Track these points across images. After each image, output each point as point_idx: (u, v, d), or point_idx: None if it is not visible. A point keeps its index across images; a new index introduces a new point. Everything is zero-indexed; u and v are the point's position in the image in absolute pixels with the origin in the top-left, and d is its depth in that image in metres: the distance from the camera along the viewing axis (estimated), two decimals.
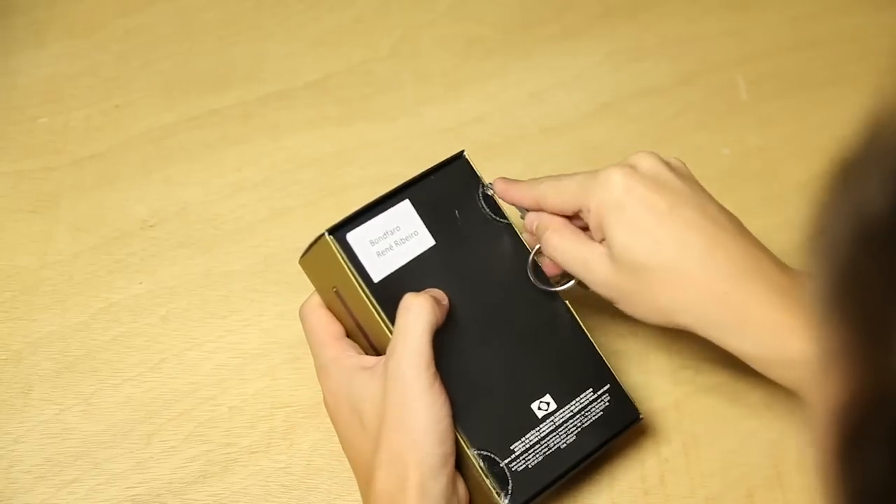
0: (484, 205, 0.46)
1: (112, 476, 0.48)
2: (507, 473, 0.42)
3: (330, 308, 0.45)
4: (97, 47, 0.64)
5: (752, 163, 0.61)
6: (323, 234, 0.42)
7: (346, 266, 0.42)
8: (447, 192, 0.45)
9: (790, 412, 0.51)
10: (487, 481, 0.42)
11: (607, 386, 0.45)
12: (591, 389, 0.44)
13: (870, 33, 0.66)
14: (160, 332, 0.53)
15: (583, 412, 0.44)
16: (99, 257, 0.55)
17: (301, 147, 0.60)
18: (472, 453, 0.42)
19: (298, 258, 0.45)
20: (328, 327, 0.45)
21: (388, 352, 0.41)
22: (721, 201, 0.59)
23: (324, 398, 0.45)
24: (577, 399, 0.44)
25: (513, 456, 0.42)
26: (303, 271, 0.46)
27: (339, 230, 0.42)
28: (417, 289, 0.42)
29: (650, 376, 0.52)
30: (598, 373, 0.45)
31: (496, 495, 0.42)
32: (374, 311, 0.42)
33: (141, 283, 0.55)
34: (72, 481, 0.48)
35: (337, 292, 0.44)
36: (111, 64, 0.64)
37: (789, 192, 0.59)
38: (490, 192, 0.46)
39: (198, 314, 0.54)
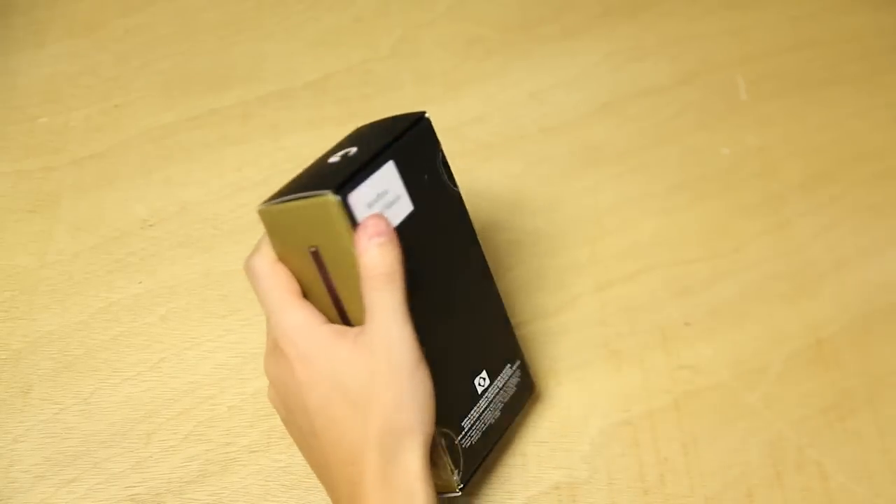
0: (443, 170, 0.42)
1: (111, 475, 0.48)
2: (460, 451, 0.42)
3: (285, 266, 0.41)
4: (97, 47, 0.64)
5: (751, 163, 0.61)
6: (319, 194, 0.37)
7: (344, 228, 0.37)
8: (417, 156, 0.41)
9: (790, 412, 0.51)
10: (445, 458, 0.41)
11: (518, 361, 0.47)
12: (509, 364, 0.46)
13: (869, 33, 0.66)
14: (160, 331, 0.53)
15: (504, 387, 0.45)
16: (99, 257, 0.55)
17: (301, 147, 0.60)
18: (436, 431, 0.41)
19: (258, 207, 0.40)
20: (290, 286, 0.40)
21: (368, 330, 0.38)
22: (721, 201, 0.60)
23: (270, 361, 0.41)
24: (502, 374, 0.45)
25: (463, 432, 0.42)
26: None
27: (341, 189, 0.37)
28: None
29: (649, 376, 0.52)
30: (514, 348, 0.47)
31: (451, 472, 0.42)
32: None
33: (140, 282, 0.55)
34: (71, 481, 0.48)
35: (315, 253, 0.39)
36: (111, 64, 0.64)
37: (789, 192, 0.59)
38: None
39: (197, 314, 0.54)
